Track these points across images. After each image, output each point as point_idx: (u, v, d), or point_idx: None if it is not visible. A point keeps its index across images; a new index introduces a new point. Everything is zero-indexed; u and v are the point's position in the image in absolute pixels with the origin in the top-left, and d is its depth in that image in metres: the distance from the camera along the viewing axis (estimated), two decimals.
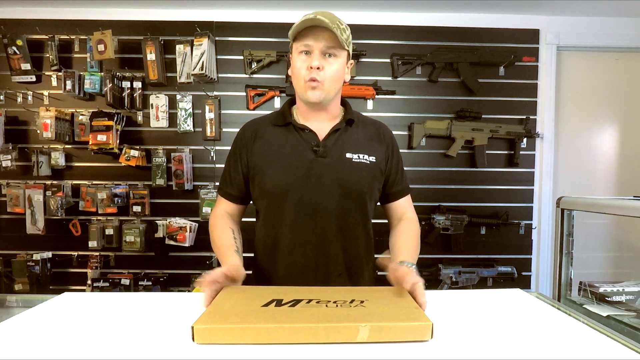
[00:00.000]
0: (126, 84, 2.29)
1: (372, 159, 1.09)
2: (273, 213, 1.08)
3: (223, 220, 1.12)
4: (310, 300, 0.81)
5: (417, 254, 1.07)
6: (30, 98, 2.32)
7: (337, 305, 0.79)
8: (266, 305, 0.79)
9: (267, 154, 1.08)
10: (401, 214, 1.15)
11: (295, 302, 0.80)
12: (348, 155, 1.07)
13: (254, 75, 2.36)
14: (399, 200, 1.16)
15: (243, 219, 1.20)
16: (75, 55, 2.33)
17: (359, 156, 1.08)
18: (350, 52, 1.09)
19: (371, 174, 1.09)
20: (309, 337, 0.69)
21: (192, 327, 0.69)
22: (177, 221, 2.32)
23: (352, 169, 1.06)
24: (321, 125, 1.09)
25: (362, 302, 0.81)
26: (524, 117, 2.39)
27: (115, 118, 2.24)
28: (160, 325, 0.80)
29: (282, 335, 0.69)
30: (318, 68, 1.00)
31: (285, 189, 1.05)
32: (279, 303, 0.80)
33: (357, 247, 1.10)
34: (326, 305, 0.79)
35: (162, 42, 2.28)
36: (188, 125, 2.31)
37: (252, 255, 1.18)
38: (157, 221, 2.33)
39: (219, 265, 2.31)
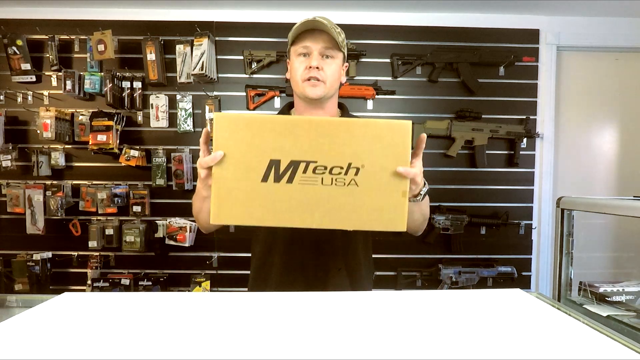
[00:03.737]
0: (126, 84, 2.29)
1: None
2: None
3: None
4: (307, 167, 0.81)
5: (425, 217, 1.07)
6: (30, 98, 2.32)
7: (332, 182, 0.81)
8: (265, 179, 0.81)
9: None
10: None
11: (293, 171, 0.81)
12: None
13: (254, 75, 2.36)
14: None
15: None
16: (75, 55, 2.33)
17: None
18: (346, 55, 1.11)
19: None
20: (306, 225, 0.81)
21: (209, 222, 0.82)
22: (177, 221, 2.32)
23: None
24: None
25: (356, 172, 0.81)
26: (524, 117, 2.39)
27: (115, 118, 2.24)
28: (160, 325, 0.80)
29: (282, 220, 0.81)
30: (317, 68, 1.02)
31: None
32: (277, 175, 0.81)
33: (355, 242, 1.12)
34: (322, 181, 0.81)
35: (162, 42, 2.28)
36: (188, 125, 2.31)
37: (249, 255, 1.18)
38: (157, 221, 2.33)
39: (218, 262, 2.29)
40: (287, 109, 1.17)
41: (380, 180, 0.82)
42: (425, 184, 0.92)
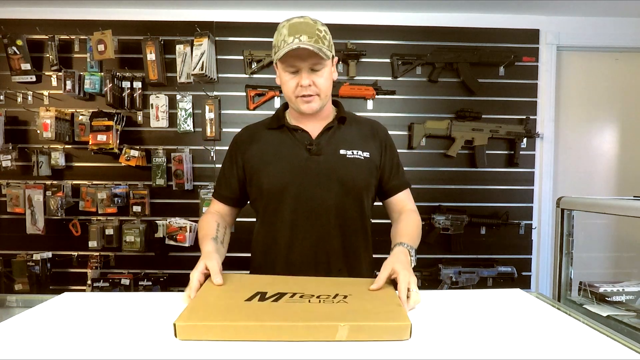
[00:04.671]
0: (126, 84, 2.29)
1: (367, 154, 1.10)
2: (271, 212, 1.10)
3: (211, 215, 1.14)
4: (294, 295, 0.82)
5: (417, 240, 1.08)
6: (30, 98, 2.32)
7: (320, 301, 0.79)
8: (249, 299, 0.79)
9: (263, 155, 1.10)
10: (401, 207, 1.16)
11: (279, 296, 0.81)
12: (342, 151, 1.09)
13: (254, 75, 2.36)
14: (398, 195, 1.17)
15: (243, 219, 1.21)
16: (75, 55, 2.33)
17: (353, 152, 1.09)
18: (333, 53, 1.08)
19: (366, 170, 1.10)
20: (289, 335, 0.70)
21: (174, 324, 0.70)
22: (177, 221, 2.32)
23: (347, 165, 1.08)
24: (314, 125, 1.11)
25: (345, 297, 0.81)
26: (524, 117, 2.39)
27: (115, 118, 2.24)
28: (160, 326, 0.80)
29: (263, 333, 0.70)
30: (309, 85, 1.02)
31: (282, 187, 1.07)
32: (262, 297, 0.80)
33: (356, 242, 1.12)
34: (309, 301, 0.79)
35: (162, 42, 2.28)
36: (188, 125, 2.31)
37: (249, 255, 1.18)
38: (157, 221, 2.33)
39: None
40: (282, 109, 1.17)
41: (371, 297, 0.84)
42: (412, 256, 1.00)
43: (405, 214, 1.13)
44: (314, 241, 1.07)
